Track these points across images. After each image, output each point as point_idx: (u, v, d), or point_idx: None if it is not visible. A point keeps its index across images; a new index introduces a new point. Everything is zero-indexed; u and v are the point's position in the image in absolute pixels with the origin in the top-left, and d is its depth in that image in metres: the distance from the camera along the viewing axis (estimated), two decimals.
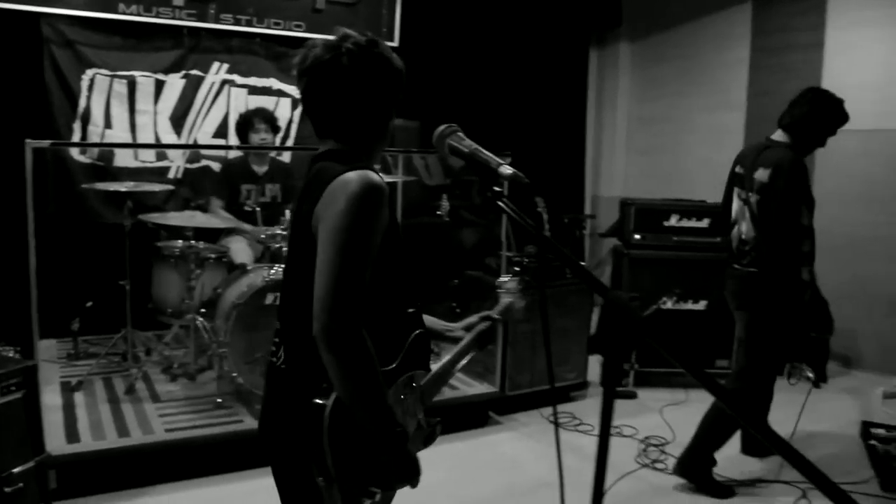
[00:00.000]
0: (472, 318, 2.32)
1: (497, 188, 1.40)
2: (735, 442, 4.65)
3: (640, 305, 5.52)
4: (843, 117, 4.16)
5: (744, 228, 4.19)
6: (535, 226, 1.30)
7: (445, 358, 2.18)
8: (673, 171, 8.08)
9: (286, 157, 6.19)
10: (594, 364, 5.81)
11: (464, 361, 2.23)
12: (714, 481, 4.24)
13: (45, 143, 3.97)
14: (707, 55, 7.71)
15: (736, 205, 4.28)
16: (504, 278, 2.43)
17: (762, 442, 4.37)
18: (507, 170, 1.37)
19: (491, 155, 1.42)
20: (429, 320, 2.23)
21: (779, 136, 4.19)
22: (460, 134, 1.52)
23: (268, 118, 5.65)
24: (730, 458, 4.52)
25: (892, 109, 6.11)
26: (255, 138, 5.56)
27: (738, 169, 4.31)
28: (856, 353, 6.47)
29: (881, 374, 6.15)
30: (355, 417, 1.76)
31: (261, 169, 5.65)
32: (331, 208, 1.75)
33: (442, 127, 1.56)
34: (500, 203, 1.39)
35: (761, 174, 4.09)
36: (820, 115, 4.12)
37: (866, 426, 4.88)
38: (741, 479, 4.32)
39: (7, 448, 3.26)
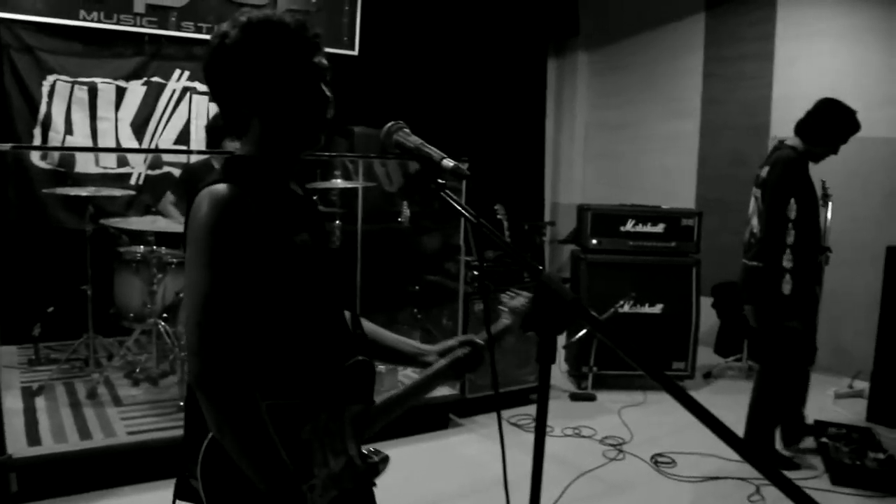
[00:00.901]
0: (451, 342, 2.04)
1: (441, 180, 1.48)
2: (691, 442, 4.78)
3: (598, 308, 5.62)
4: (851, 126, 4.39)
5: (754, 223, 4.50)
6: (475, 214, 1.38)
7: (402, 387, 1.94)
8: (630, 178, 8.22)
9: None
10: (554, 368, 5.90)
11: (429, 391, 1.98)
12: (779, 455, 4.59)
13: (6, 146, 3.99)
14: (662, 64, 7.88)
15: (752, 203, 4.54)
16: (511, 294, 2.12)
17: (796, 432, 4.70)
18: (449, 162, 1.44)
19: (435, 149, 1.50)
20: (399, 341, 2.03)
21: (791, 140, 4.47)
22: (406, 130, 1.58)
23: None
24: (686, 458, 4.64)
25: None
26: (231, 147, 5.53)
27: (758, 170, 4.57)
28: None
29: (833, 375, 6.31)
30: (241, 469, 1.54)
31: None
32: (188, 238, 1.60)
33: (389, 124, 1.59)
34: (441, 194, 1.47)
35: (763, 171, 4.45)
36: (827, 122, 4.36)
37: (819, 424, 5.01)
38: (698, 475, 4.42)
39: None
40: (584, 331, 5.54)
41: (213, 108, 6.42)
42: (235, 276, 1.55)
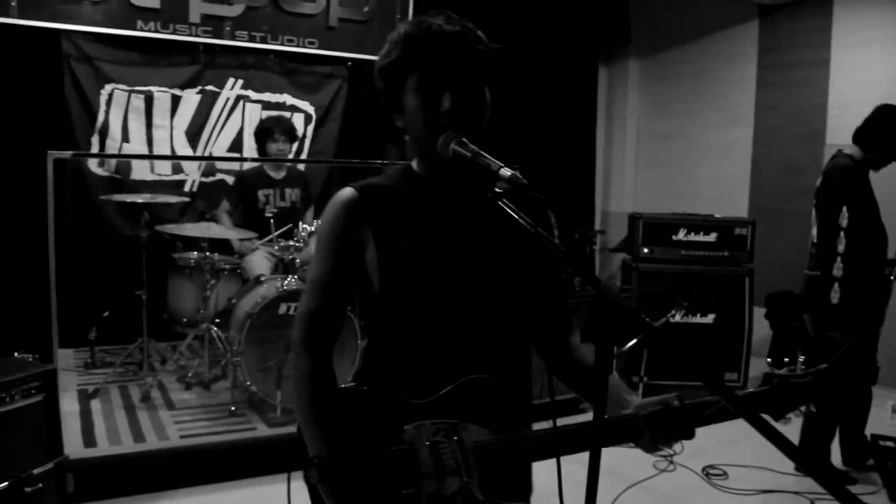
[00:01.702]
0: (656, 398, 1.64)
1: (498, 189, 1.48)
2: (744, 454, 4.71)
3: (649, 318, 5.56)
4: None
5: (813, 233, 4.39)
6: (533, 224, 1.38)
7: (551, 428, 1.60)
8: (682, 187, 8.13)
9: (301, 167, 6.32)
10: None
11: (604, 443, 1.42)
12: (834, 469, 4.49)
13: (67, 154, 4.10)
14: (714, 72, 7.78)
15: (814, 213, 4.45)
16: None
17: (860, 453, 4.57)
18: (506, 172, 1.42)
19: (492, 159, 1.49)
20: (613, 387, 1.71)
21: (849, 148, 4.37)
22: (464, 139, 1.57)
23: (287, 129, 5.74)
24: (738, 470, 4.57)
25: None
26: (273, 148, 5.64)
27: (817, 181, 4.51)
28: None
29: (891, 389, 6.17)
30: None
31: (278, 174, 5.76)
32: None
33: (446, 133, 1.59)
34: (500, 203, 1.47)
35: (818, 180, 4.38)
36: (887, 129, 4.25)
37: (875, 439, 4.91)
38: (751, 489, 4.36)
39: (27, 449, 3.34)
40: (634, 340, 5.49)
41: (266, 116, 6.51)
42: (337, 269, 1.75)
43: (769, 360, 6.42)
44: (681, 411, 1.57)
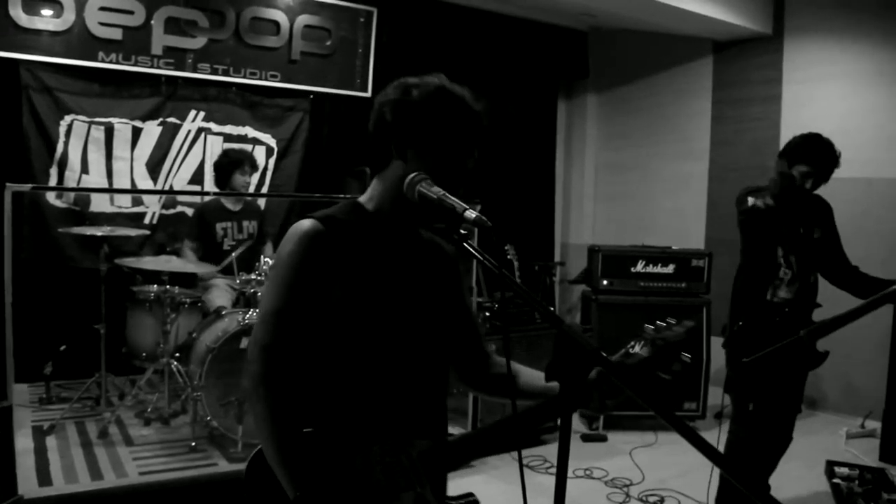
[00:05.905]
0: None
1: (463, 231, 1.51)
2: (703, 483, 4.75)
3: (609, 350, 5.61)
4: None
5: None
6: (497, 264, 1.41)
7: (488, 424, 1.90)
8: (640, 219, 8.24)
9: (261, 200, 6.31)
10: None
11: (530, 425, 1.78)
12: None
13: (26, 186, 4.05)
14: (670, 106, 7.93)
15: None
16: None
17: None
18: (471, 214, 1.46)
19: (457, 201, 1.52)
20: (531, 376, 1.95)
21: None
22: (429, 181, 1.62)
23: (254, 164, 5.81)
24: (694, 499, 4.62)
25: (846, 159, 6.33)
26: (241, 180, 5.65)
27: None
28: (820, 395, 6.59)
29: (845, 415, 6.28)
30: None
31: (236, 207, 5.75)
32: None
33: (412, 174, 1.64)
34: (465, 245, 1.50)
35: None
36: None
37: (830, 465, 4.98)
38: None
39: None
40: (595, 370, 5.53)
41: (228, 148, 6.49)
42: (298, 301, 1.73)
43: (725, 388, 6.50)
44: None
